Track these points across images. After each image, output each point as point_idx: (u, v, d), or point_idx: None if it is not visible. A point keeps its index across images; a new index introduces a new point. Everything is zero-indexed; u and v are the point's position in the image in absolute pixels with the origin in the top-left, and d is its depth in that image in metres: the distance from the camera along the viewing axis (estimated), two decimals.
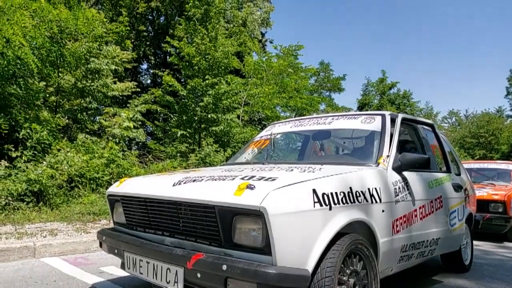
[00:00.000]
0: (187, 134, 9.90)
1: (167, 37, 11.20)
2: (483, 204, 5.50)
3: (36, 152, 6.06)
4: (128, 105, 9.30)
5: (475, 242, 4.61)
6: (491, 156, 22.56)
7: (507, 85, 29.63)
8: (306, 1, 47.04)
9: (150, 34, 17.16)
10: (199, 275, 1.78)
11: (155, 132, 12.15)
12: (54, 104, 8.33)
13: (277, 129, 3.49)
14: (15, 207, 5.10)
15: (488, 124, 24.16)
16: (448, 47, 50.03)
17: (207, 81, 9.37)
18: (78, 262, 3.49)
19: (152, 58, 17.75)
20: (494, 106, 38.65)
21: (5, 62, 5.97)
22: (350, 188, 2.06)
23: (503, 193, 5.73)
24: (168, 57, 14.19)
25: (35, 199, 5.41)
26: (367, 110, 24.83)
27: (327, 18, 49.76)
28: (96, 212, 5.42)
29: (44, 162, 5.79)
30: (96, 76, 8.23)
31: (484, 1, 49.65)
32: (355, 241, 1.99)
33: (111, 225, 2.71)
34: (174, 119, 10.68)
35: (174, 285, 1.89)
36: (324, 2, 48.06)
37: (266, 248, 1.66)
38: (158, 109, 11.10)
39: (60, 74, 7.83)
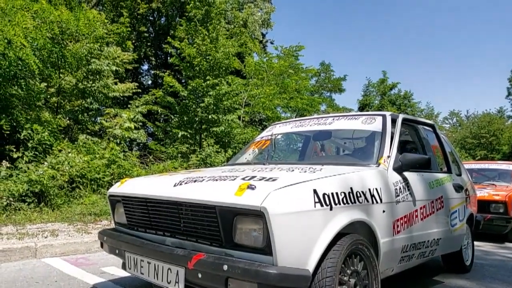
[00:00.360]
0: (188, 135, 9.91)
1: (168, 38, 11.22)
2: (484, 205, 5.49)
3: (37, 153, 6.08)
4: (129, 106, 9.32)
5: (476, 243, 4.60)
6: (492, 156, 22.53)
7: (508, 85, 29.61)
8: (307, 2, 47.11)
9: (151, 35, 17.18)
10: (200, 275, 1.79)
11: (156, 132, 12.17)
12: (55, 105, 8.35)
13: (278, 129, 3.50)
14: (17, 208, 5.11)
15: (489, 125, 24.13)
16: (450, 48, 50.04)
17: (208, 82, 9.39)
18: (79, 262, 3.50)
19: (153, 59, 17.76)
20: (495, 107, 38.64)
21: (7, 63, 5.99)
22: (351, 188, 2.07)
23: (504, 193, 5.72)
24: (169, 58, 14.19)
25: (36, 200, 5.42)
26: (367, 110, 24.81)
27: (328, 18, 49.82)
28: (97, 213, 5.43)
29: (45, 163, 5.80)
30: (97, 77, 8.25)
31: (486, 1, 49.65)
32: (356, 241, 1.99)
33: (112, 225, 2.71)
34: (175, 120, 10.69)
35: (175, 285, 1.90)
36: (325, 3, 48.11)
37: (267, 248, 1.67)
38: (159, 110, 11.12)
39: (61, 75, 7.85)
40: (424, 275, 3.52)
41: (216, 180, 2.03)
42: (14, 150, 5.94)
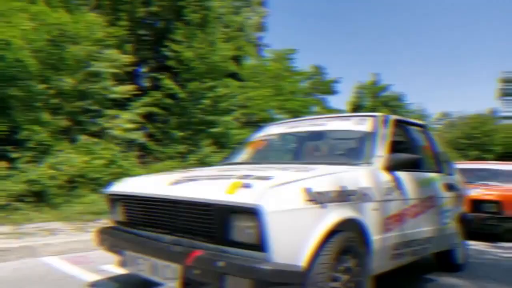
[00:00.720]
0: (186, 136, 9.97)
1: (166, 41, 11.26)
2: (476, 204, 5.52)
3: (36, 153, 6.10)
4: (128, 107, 9.36)
5: (468, 242, 4.65)
6: (485, 157, 22.60)
7: (499, 86, 29.69)
8: (302, 5, 47.24)
9: (150, 38, 17.20)
10: (197, 272, 1.84)
11: (155, 133, 12.18)
12: (55, 106, 8.36)
13: (273, 130, 3.56)
14: (16, 207, 5.13)
15: (481, 126, 24.22)
16: (444, 50, 50.30)
17: (205, 84, 9.47)
18: (78, 261, 3.52)
19: (152, 61, 17.77)
20: (488, 108, 38.69)
21: (5, 64, 6.01)
22: (343, 187, 2.13)
23: (496, 193, 5.73)
24: (167, 60, 14.22)
25: (35, 199, 5.44)
26: (360, 112, 24.78)
27: (324, 21, 50.03)
28: (96, 212, 5.45)
29: (45, 163, 5.83)
30: (96, 79, 8.28)
31: (486, 1, 49.91)
32: (348, 239, 2.05)
33: (111, 224, 2.76)
34: (173, 121, 10.76)
35: (172, 281, 1.95)
36: (321, 6, 48.25)
37: (261, 245, 1.72)
38: (158, 111, 11.16)
39: (60, 77, 7.86)
40: (418, 272, 3.55)
41: (212, 179, 2.09)
42: (14, 150, 5.96)
